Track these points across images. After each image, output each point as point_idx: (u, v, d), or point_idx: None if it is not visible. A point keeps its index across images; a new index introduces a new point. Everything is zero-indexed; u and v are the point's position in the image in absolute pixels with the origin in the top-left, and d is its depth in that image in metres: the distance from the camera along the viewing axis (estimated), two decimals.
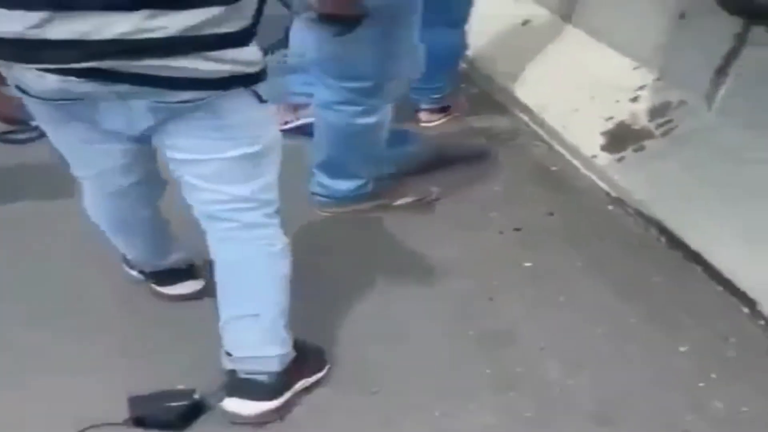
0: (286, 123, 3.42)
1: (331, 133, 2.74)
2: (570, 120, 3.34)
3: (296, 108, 3.42)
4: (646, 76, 3.25)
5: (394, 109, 2.74)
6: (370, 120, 2.66)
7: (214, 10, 1.43)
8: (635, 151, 2.97)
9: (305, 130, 3.33)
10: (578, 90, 3.46)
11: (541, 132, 3.44)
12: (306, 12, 2.31)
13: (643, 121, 3.06)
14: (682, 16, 3.10)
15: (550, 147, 3.34)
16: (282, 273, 1.92)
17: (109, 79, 1.48)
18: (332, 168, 2.85)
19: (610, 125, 3.16)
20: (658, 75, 3.20)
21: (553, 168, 3.19)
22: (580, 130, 3.26)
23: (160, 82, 1.49)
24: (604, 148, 3.08)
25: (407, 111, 3.46)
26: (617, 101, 3.25)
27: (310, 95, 3.25)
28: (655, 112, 3.06)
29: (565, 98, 3.47)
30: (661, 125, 2.98)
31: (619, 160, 2.98)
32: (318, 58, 2.56)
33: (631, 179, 2.88)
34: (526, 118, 3.59)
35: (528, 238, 2.74)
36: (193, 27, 1.42)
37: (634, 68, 3.35)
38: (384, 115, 2.70)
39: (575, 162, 3.17)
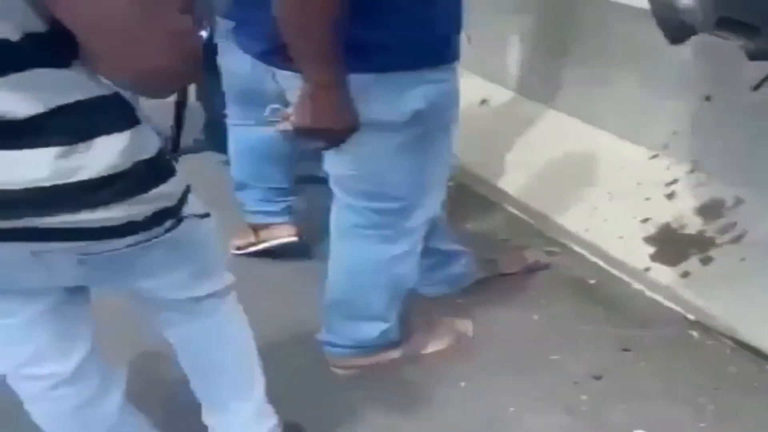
0: (248, 246, 2.75)
1: (352, 264, 2.10)
2: (591, 221, 2.81)
3: (256, 229, 2.78)
4: (675, 168, 2.76)
5: None
6: (402, 247, 2.05)
7: (126, 136, 1.10)
8: (702, 263, 2.45)
9: (272, 254, 2.74)
10: (585, 184, 2.94)
11: (552, 235, 2.88)
12: (278, 124, 1.72)
13: (696, 225, 2.56)
14: (707, 98, 2.64)
15: (572, 253, 2.79)
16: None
17: (15, 239, 1.11)
18: (350, 309, 2.18)
19: (651, 229, 2.64)
20: (691, 166, 2.71)
21: (591, 281, 2.63)
22: (609, 233, 2.72)
23: (84, 235, 1.13)
24: (656, 258, 2.55)
25: None
26: (647, 198, 2.74)
27: (268, 213, 2.71)
28: (707, 213, 2.56)
29: (571, 193, 2.94)
30: (723, 230, 2.48)
31: (684, 274, 2.45)
32: (334, 174, 1.94)
33: (710, 299, 2.36)
34: (524, 216, 3.03)
35: (619, 391, 2.14)
36: (115, 165, 1.09)
37: (651, 157, 2.86)
38: (418, 241, 2.08)
39: (617, 273, 2.63)
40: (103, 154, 1.08)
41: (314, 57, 1.53)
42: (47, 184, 1.05)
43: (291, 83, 1.68)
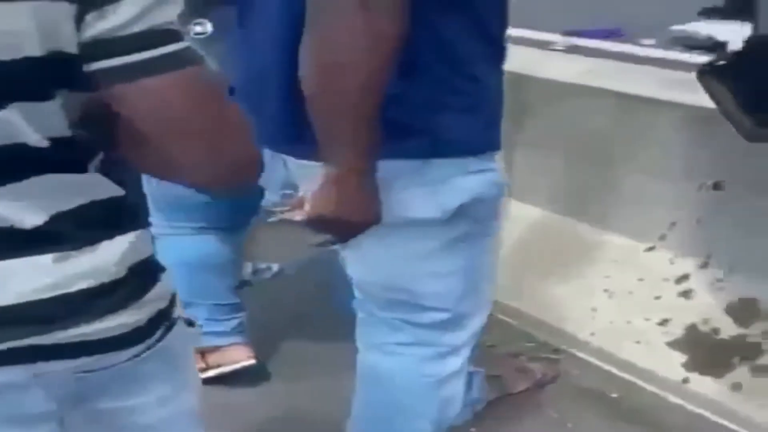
0: (199, 372, 2.16)
1: (388, 389, 1.66)
2: (594, 323, 2.41)
3: (204, 352, 2.23)
4: (681, 262, 2.42)
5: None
6: (451, 367, 1.64)
7: (130, 238, 0.96)
8: (754, 373, 2.08)
9: (226, 379, 2.23)
10: (572, 280, 2.54)
11: (545, 338, 2.45)
12: (284, 213, 1.46)
13: (730, 328, 2.20)
14: (717, 186, 2.36)
15: (576, 360, 2.37)
16: None
17: (18, 361, 0.93)
18: None
19: (675, 332, 2.26)
20: (703, 260, 2.38)
21: (614, 395, 2.20)
22: (621, 337, 2.34)
23: (92, 348, 0.96)
24: (691, 366, 2.16)
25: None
26: (658, 297, 2.37)
27: (218, 334, 2.23)
28: (739, 314, 2.22)
29: (557, 291, 2.53)
30: None
31: (735, 387, 2.07)
32: (359, 279, 1.57)
33: None
34: (504, 317, 2.56)
35: None
36: (117, 271, 0.94)
37: (647, 250, 2.51)
38: (468, 358, 1.66)
39: (644, 384, 2.22)
40: (107, 259, 0.95)
41: (351, 137, 1.28)
42: (50, 294, 0.92)
43: (308, 171, 1.39)
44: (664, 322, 2.29)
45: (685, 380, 2.13)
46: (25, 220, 0.90)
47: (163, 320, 1.06)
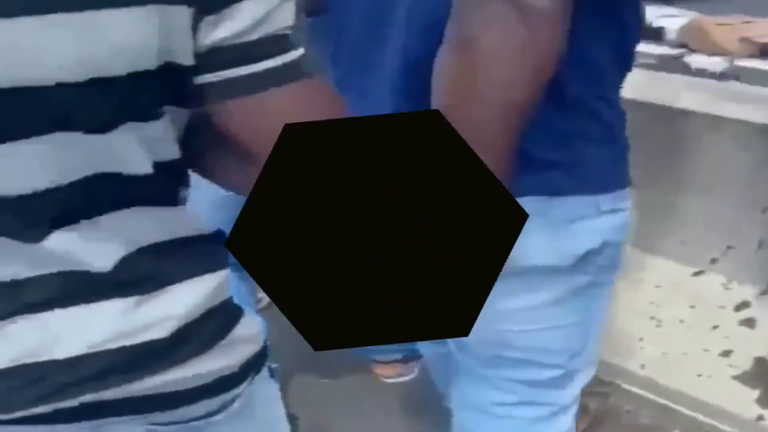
0: None
1: None
2: (644, 354, 2.11)
3: None
4: (739, 289, 2.16)
5: None
6: (561, 426, 1.36)
7: (211, 279, 0.82)
8: None
9: None
10: (615, 307, 2.24)
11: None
12: None
13: None
14: None
15: (627, 394, 2.08)
16: None
17: (82, 416, 0.79)
18: None
19: (741, 365, 1.98)
20: (764, 287, 2.11)
21: None
22: (679, 370, 2.05)
23: (163, 402, 0.83)
24: (765, 403, 1.87)
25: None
26: (715, 327, 2.09)
27: None
28: None
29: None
30: None
31: None
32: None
33: None
34: None
35: None
36: (194, 313, 0.80)
37: (695, 274, 2.24)
38: (575, 414, 1.38)
39: (707, 420, 1.93)
40: (187, 302, 0.81)
41: (490, 164, 0.88)
42: (124, 343, 0.78)
43: None
44: (726, 354, 2.01)
45: (760, 417, 1.84)
46: (98, 262, 0.78)
47: (252, 368, 0.93)
